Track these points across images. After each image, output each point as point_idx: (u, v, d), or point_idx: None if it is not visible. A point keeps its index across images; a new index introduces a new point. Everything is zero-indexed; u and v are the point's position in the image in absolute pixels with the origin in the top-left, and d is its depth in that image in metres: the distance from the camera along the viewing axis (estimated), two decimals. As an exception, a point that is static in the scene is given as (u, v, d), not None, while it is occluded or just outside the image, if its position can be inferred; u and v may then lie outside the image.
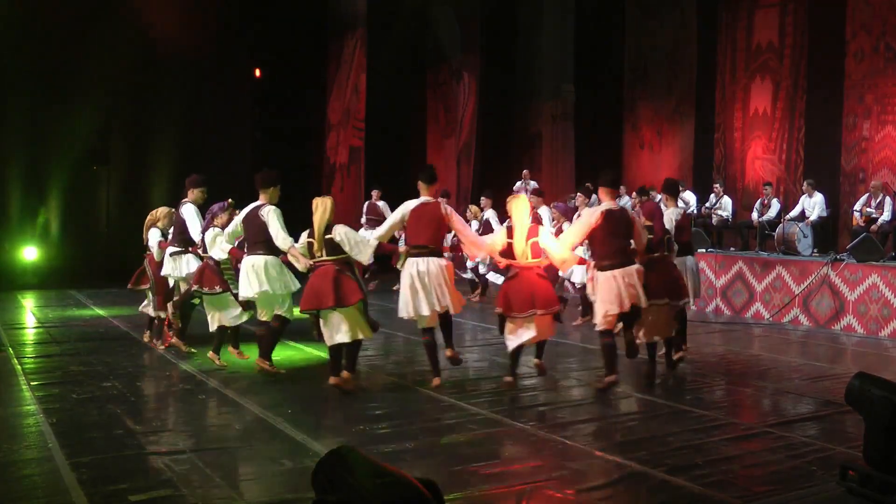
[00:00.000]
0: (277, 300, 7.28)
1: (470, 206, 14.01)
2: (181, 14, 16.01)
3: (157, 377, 7.44)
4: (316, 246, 6.84)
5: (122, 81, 15.76)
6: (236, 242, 7.85)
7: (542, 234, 6.96)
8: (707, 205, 14.62)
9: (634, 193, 13.11)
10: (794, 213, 13.29)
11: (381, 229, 7.08)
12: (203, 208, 8.25)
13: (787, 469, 5.10)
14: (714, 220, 14.44)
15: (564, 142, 18.99)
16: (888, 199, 12.18)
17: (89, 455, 5.10)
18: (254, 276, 7.14)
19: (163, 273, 8.39)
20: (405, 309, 6.84)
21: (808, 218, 12.99)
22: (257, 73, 18.08)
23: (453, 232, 7.30)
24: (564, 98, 18.90)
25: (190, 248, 8.23)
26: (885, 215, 12.05)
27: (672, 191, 8.37)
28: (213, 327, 7.90)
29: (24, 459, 5.09)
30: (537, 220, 7.82)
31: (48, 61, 14.96)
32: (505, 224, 7.08)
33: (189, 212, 8.22)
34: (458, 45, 19.37)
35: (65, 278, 14.57)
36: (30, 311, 11.53)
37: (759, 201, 14.10)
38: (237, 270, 7.61)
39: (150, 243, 8.75)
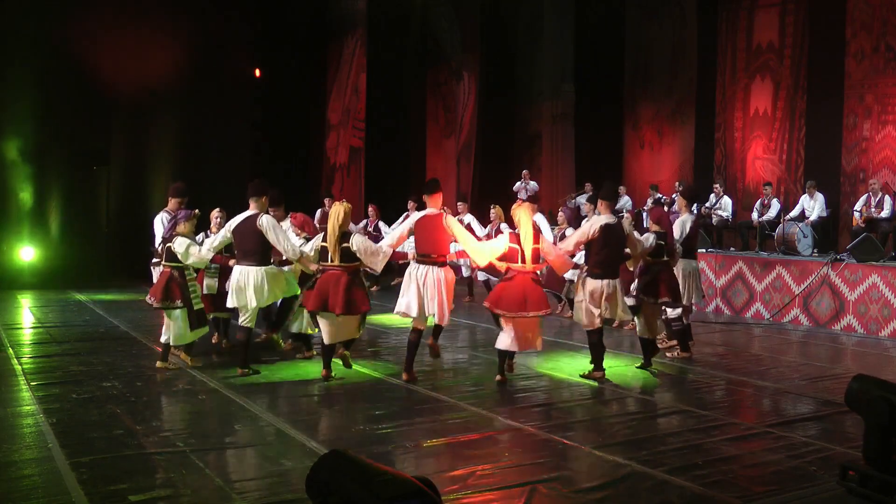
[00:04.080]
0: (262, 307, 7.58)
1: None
2: (181, 14, 16.03)
3: (157, 377, 7.44)
4: (330, 251, 7.05)
5: (123, 81, 15.77)
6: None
7: (543, 240, 7.30)
8: (707, 205, 14.62)
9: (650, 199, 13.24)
10: (794, 213, 13.29)
11: (392, 238, 7.35)
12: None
13: (787, 469, 5.10)
14: (714, 220, 14.43)
15: (564, 142, 18.99)
16: (888, 199, 12.18)
17: (89, 455, 5.10)
18: (245, 288, 7.24)
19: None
20: (400, 306, 7.15)
21: (808, 218, 13.00)
22: (257, 73, 18.08)
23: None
24: (564, 98, 18.91)
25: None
26: (885, 213, 12.05)
27: (690, 197, 9.04)
28: (164, 338, 7.68)
29: (24, 459, 5.09)
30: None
31: (48, 61, 14.97)
32: (508, 231, 7.33)
33: (157, 221, 8.32)
34: (458, 45, 19.37)
35: (65, 278, 14.56)
36: (29, 311, 11.53)
37: (759, 201, 14.10)
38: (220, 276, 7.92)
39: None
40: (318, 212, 14.63)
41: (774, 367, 8.48)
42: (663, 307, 8.08)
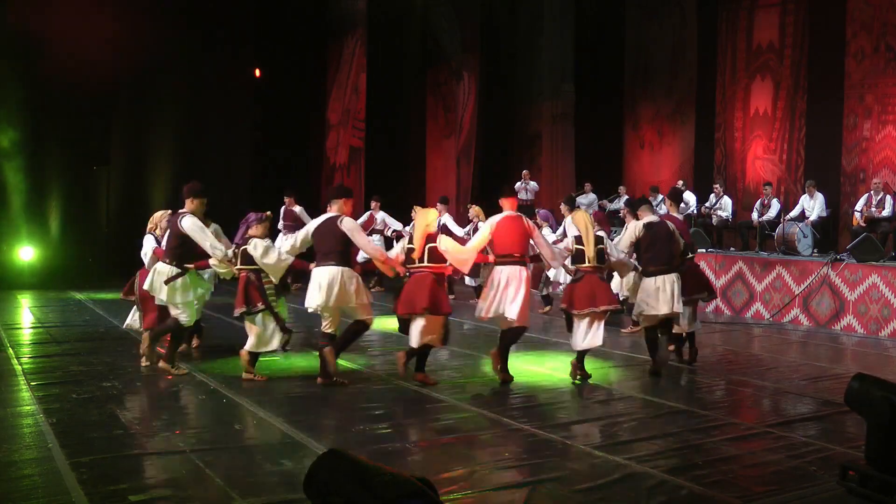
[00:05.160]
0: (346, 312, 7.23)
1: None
2: (181, 14, 16.03)
3: (157, 377, 7.43)
4: (417, 254, 7.05)
5: (123, 81, 15.79)
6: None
7: (606, 241, 7.68)
8: (707, 205, 14.62)
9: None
10: (794, 213, 13.29)
11: (475, 241, 7.44)
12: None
13: (787, 469, 5.10)
14: (714, 220, 14.43)
15: (564, 142, 18.99)
16: (888, 198, 12.18)
17: (89, 455, 5.10)
18: (326, 288, 6.89)
19: (158, 298, 7.37)
20: (485, 310, 7.20)
21: (808, 218, 12.99)
22: (257, 73, 18.09)
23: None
24: (564, 98, 18.91)
25: (186, 266, 7.34)
26: (885, 213, 12.05)
27: (676, 198, 9.27)
28: (251, 349, 7.26)
29: (24, 459, 5.08)
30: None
31: (48, 61, 14.97)
32: (573, 234, 7.72)
33: (196, 225, 7.22)
34: (458, 45, 19.37)
35: (65, 278, 14.57)
36: (29, 311, 11.53)
37: (759, 201, 14.10)
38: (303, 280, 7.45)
39: (143, 251, 8.04)
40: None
41: (774, 367, 8.48)
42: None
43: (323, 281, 6.92)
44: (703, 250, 13.16)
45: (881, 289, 10.62)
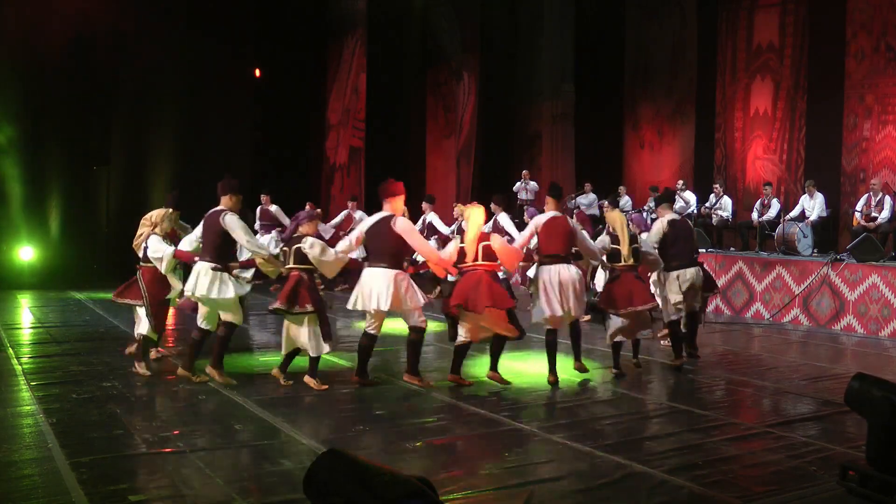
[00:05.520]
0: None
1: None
2: (181, 14, 16.04)
3: (157, 377, 7.44)
4: (472, 254, 7.05)
5: (122, 80, 15.79)
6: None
7: (640, 240, 7.97)
8: (707, 205, 14.62)
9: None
10: (794, 213, 13.29)
11: (522, 239, 7.55)
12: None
13: (787, 469, 5.10)
14: (714, 220, 14.43)
15: (564, 142, 18.99)
16: (888, 198, 12.18)
17: (89, 455, 5.09)
18: (379, 292, 6.76)
19: (197, 293, 6.96)
20: (544, 312, 7.24)
21: (808, 218, 12.99)
22: (257, 73, 18.09)
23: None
24: (564, 98, 18.91)
25: (231, 265, 7.05)
26: (885, 213, 12.05)
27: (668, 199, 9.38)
28: (286, 349, 7.11)
29: (24, 459, 5.08)
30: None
31: (48, 60, 14.97)
32: (605, 233, 7.94)
33: (238, 223, 6.97)
34: (458, 45, 19.37)
35: (65, 278, 14.57)
36: (29, 311, 11.53)
37: (759, 201, 14.10)
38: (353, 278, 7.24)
39: (150, 253, 7.36)
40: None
41: (774, 367, 8.48)
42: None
43: (376, 284, 6.78)
44: (704, 250, 13.16)
45: (881, 289, 10.62)
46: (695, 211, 14.65)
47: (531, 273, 7.81)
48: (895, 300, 10.47)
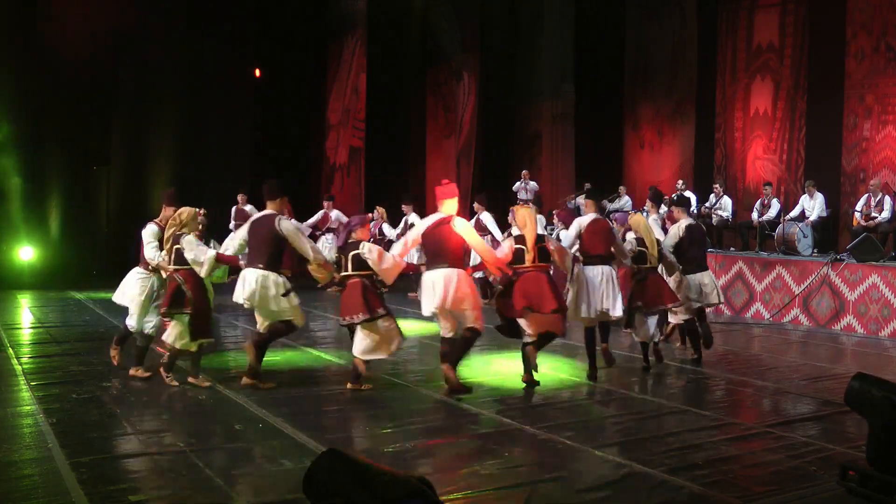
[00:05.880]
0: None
1: (377, 207, 14.10)
2: (181, 14, 16.04)
3: (157, 377, 7.44)
4: (531, 255, 7.02)
5: (122, 80, 15.79)
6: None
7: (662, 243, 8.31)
8: (707, 205, 14.62)
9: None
10: (794, 213, 13.29)
11: (568, 241, 7.65)
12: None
13: (787, 469, 5.10)
14: (714, 220, 14.43)
15: (564, 142, 18.99)
16: (888, 199, 12.18)
17: (89, 455, 5.09)
18: (442, 290, 6.66)
19: (252, 302, 6.78)
20: (583, 311, 7.44)
21: (808, 218, 12.99)
22: (257, 73, 18.09)
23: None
24: (564, 98, 18.91)
25: (283, 271, 6.86)
26: (885, 214, 12.05)
27: (657, 200, 9.69)
28: (364, 356, 6.93)
29: (24, 459, 5.08)
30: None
31: (48, 60, 14.97)
32: (632, 237, 8.11)
33: (297, 228, 6.83)
34: (458, 45, 19.37)
35: (65, 278, 14.57)
36: (29, 311, 11.53)
37: (759, 201, 14.10)
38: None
39: (188, 255, 6.82)
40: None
41: (774, 367, 8.48)
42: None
43: (438, 282, 6.68)
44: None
45: (881, 289, 10.62)
46: (695, 211, 14.64)
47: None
48: (895, 300, 10.47)
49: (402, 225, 13.34)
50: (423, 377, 7.51)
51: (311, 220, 14.44)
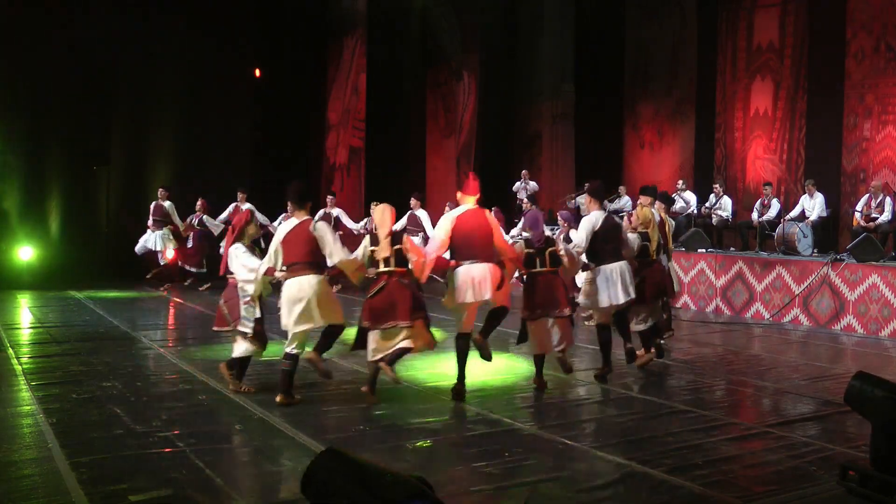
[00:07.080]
0: None
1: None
2: (181, 14, 16.04)
3: (157, 377, 7.44)
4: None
5: (122, 80, 15.79)
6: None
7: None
8: (707, 205, 14.62)
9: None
10: (794, 213, 13.29)
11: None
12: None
13: (787, 469, 5.10)
14: (714, 220, 14.44)
15: (564, 142, 18.99)
16: (888, 200, 12.18)
17: (89, 455, 5.10)
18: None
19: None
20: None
21: (808, 218, 12.99)
22: (257, 73, 18.08)
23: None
24: (564, 98, 18.91)
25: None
26: (886, 215, 12.05)
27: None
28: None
29: (24, 459, 5.08)
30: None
31: (48, 60, 14.97)
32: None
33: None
34: (458, 45, 19.37)
35: (64, 278, 14.57)
36: (29, 311, 11.53)
37: (759, 201, 14.10)
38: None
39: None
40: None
41: (774, 367, 8.48)
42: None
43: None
44: (703, 250, 13.18)
45: (881, 289, 10.61)
46: (695, 211, 14.66)
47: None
48: (895, 300, 10.47)
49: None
50: (422, 377, 7.50)
51: (222, 217, 14.12)
